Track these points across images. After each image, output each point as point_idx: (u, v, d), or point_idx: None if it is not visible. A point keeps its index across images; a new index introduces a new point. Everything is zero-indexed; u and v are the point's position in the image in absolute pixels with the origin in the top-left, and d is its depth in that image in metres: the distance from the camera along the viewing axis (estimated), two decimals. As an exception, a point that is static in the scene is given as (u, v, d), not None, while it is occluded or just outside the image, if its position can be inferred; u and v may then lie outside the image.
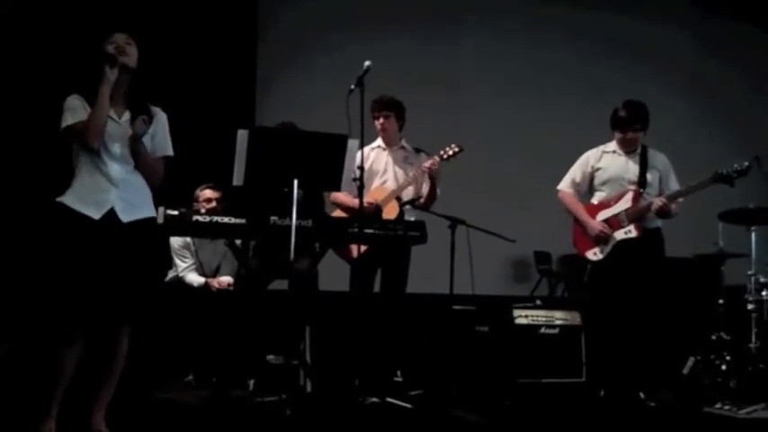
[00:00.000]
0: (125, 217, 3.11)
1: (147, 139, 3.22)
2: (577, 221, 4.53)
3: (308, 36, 6.73)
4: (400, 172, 4.60)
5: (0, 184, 5.26)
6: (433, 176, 4.46)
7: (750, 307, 4.84)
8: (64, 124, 3.08)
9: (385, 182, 4.58)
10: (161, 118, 3.31)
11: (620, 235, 4.35)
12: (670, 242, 4.46)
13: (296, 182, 3.63)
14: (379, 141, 4.68)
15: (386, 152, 4.65)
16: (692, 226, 6.13)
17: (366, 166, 4.50)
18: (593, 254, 4.44)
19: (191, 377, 4.75)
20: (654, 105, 7.07)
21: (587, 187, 4.58)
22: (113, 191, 3.11)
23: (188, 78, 5.87)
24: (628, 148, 4.46)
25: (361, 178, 3.93)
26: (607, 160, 4.51)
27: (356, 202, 4.00)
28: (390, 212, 4.44)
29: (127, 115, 3.17)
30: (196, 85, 5.92)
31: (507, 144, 6.89)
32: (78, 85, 3.14)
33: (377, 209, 4.42)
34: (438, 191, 4.55)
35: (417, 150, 4.67)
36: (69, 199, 3.08)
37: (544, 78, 7.14)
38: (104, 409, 3.17)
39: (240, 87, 6.29)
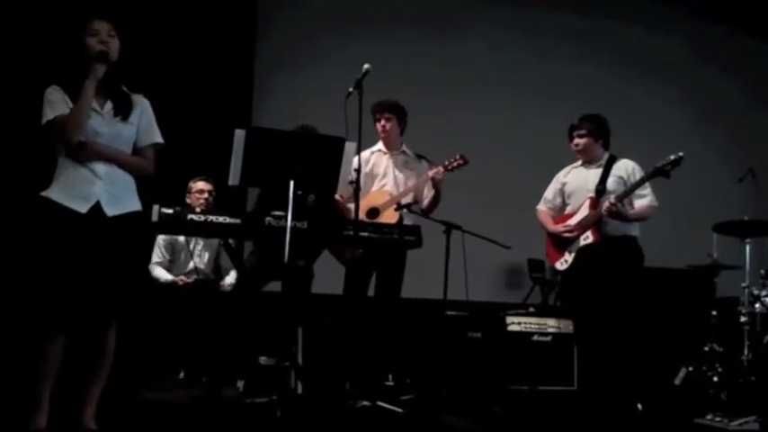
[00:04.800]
0: (110, 211, 3.06)
1: (131, 130, 3.17)
2: (548, 234, 4.65)
3: (306, 37, 6.71)
4: (400, 176, 4.59)
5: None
6: (436, 185, 4.47)
7: (743, 319, 4.85)
8: (44, 119, 3.02)
9: (384, 185, 4.57)
10: (144, 106, 3.24)
11: (580, 242, 4.44)
12: (665, 252, 4.46)
13: (292, 183, 3.62)
14: (379, 145, 4.68)
15: (386, 156, 4.64)
16: (687, 237, 6.16)
17: (366, 170, 4.50)
18: (560, 263, 4.55)
19: (182, 374, 4.74)
20: (652, 115, 7.16)
21: (561, 203, 4.71)
22: (98, 183, 3.05)
23: (186, 76, 5.86)
24: (582, 156, 4.60)
25: (357, 181, 3.92)
26: (572, 174, 4.67)
27: (350, 206, 3.99)
28: (389, 218, 4.43)
29: (109, 105, 3.12)
30: (194, 84, 5.91)
31: (505, 151, 6.87)
32: (58, 76, 3.08)
33: (370, 218, 4.41)
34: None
35: (419, 156, 4.67)
36: (54, 193, 3.03)
37: (542, 86, 7.14)
38: (94, 405, 3.15)
39: (238, 86, 6.27)
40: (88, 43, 3.06)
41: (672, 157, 4.26)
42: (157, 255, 5.08)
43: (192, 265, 5.06)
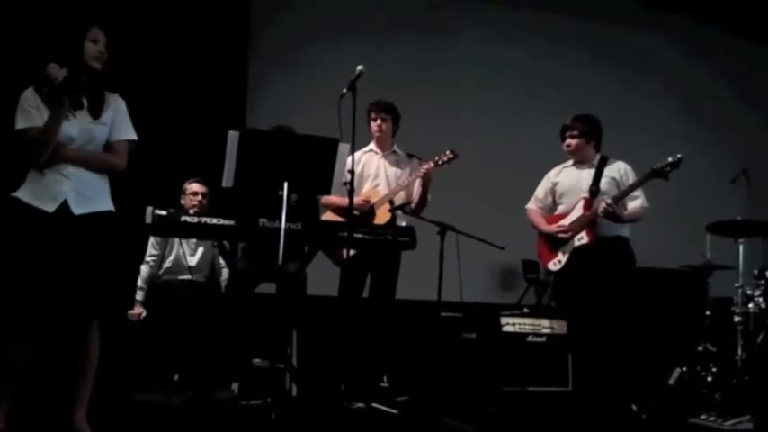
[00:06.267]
0: (77, 209, 3.08)
1: (103, 130, 3.18)
2: (540, 235, 4.65)
3: (300, 38, 6.70)
4: (392, 176, 4.60)
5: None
6: (425, 182, 4.46)
7: (736, 319, 4.86)
8: (17, 126, 3.06)
9: (377, 185, 4.58)
10: (118, 104, 3.25)
11: (574, 242, 4.44)
12: (658, 253, 4.46)
13: (286, 185, 3.62)
14: (371, 146, 4.68)
15: (378, 156, 4.65)
16: (680, 237, 6.17)
17: (357, 170, 4.49)
18: (554, 264, 4.55)
19: (176, 377, 4.72)
20: (644, 116, 7.17)
21: (551, 202, 4.71)
22: (66, 183, 3.08)
23: (179, 78, 5.84)
24: (573, 157, 4.61)
25: (351, 182, 3.92)
26: (564, 174, 4.67)
27: (348, 200, 3.97)
28: (382, 217, 4.44)
29: (83, 103, 3.13)
30: (187, 85, 5.88)
31: (498, 152, 6.88)
32: (34, 77, 3.08)
33: (370, 208, 4.42)
34: (429, 197, 4.54)
35: (410, 155, 4.67)
36: (24, 194, 3.07)
37: (536, 87, 7.14)
38: (85, 407, 3.13)
39: (231, 88, 6.25)
40: (86, 48, 3.10)
41: (670, 159, 4.25)
42: (149, 251, 5.02)
43: (184, 262, 5.03)
